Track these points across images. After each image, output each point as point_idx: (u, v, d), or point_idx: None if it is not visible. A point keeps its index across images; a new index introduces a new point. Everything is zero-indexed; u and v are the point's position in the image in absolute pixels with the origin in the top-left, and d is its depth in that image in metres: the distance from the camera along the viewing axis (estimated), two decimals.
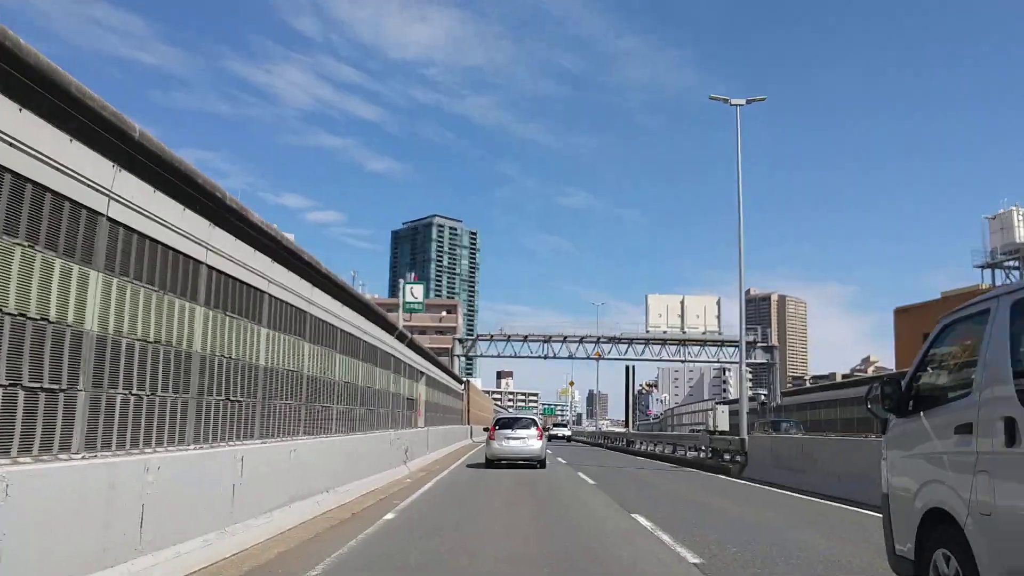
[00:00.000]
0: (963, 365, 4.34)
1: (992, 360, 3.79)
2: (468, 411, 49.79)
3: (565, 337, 50.31)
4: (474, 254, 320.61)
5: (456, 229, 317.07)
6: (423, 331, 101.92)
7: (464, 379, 49.57)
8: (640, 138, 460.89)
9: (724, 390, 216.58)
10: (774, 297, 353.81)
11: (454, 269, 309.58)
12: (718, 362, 50.25)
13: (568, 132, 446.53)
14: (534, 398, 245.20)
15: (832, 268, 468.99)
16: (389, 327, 18.12)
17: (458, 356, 51.26)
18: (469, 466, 22.38)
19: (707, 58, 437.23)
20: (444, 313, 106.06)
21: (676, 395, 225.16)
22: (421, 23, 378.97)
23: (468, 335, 62.37)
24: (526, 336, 50.32)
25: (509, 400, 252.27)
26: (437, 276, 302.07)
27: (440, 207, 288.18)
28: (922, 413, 4.52)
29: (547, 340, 50.14)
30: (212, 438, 7.40)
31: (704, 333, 49.22)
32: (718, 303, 49.86)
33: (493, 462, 21.67)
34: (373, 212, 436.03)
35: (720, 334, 48.99)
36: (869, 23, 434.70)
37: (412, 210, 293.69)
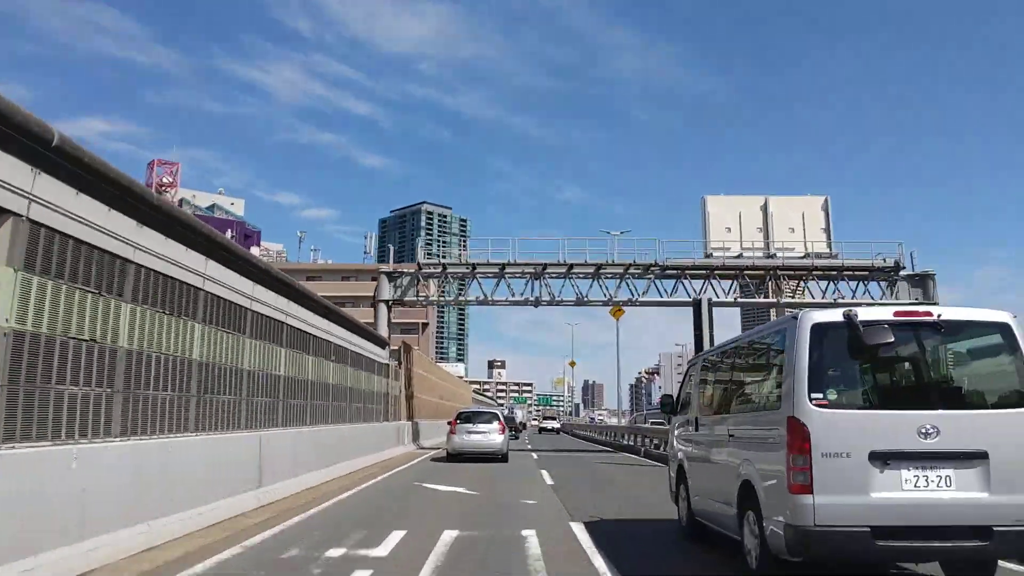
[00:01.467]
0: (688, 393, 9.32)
1: (692, 391, 9.04)
2: (409, 398, 29.80)
3: (569, 267, 28.70)
4: (464, 242, 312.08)
5: (445, 216, 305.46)
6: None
7: (399, 345, 29.47)
8: (631, 130, 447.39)
9: None
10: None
11: (444, 257, 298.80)
12: (835, 302, 29.49)
13: (561, 124, 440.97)
14: (528, 388, 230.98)
15: None
16: None
17: (387, 304, 29.67)
18: None
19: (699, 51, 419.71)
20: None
21: (679, 383, 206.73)
22: (412, 18, 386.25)
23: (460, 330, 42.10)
24: (503, 266, 28.63)
25: (501, 391, 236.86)
26: None
27: (431, 198, 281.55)
28: (678, 415, 9.59)
29: (538, 274, 28.80)
30: None
31: (807, 255, 29.57)
32: (826, 206, 30.05)
33: (455, 456, 21.97)
34: (367, 208, 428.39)
35: (833, 256, 29.25)
36: (864, 6, 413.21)
37: (404, 203, 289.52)
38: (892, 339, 5.55)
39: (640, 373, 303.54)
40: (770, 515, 5.76)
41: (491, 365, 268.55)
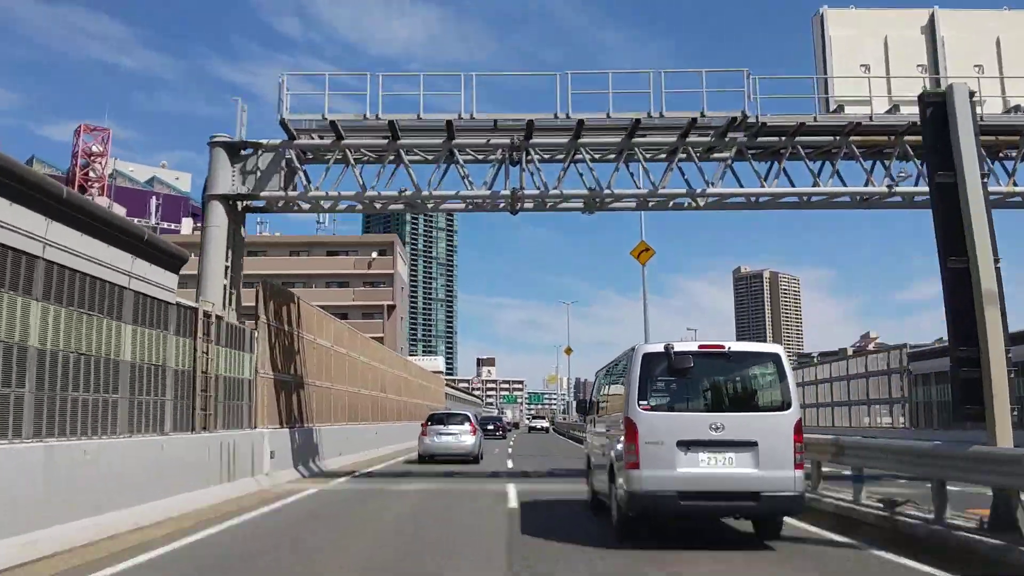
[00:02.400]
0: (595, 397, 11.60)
1: (595, 397, 11.53)
2: (287, 386, 16.35)
3: (580, 126, 14.42)
4: (452, 236, 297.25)
5: None
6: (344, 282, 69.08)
7: (258, 288, 15.56)
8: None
9: None
10: (766, 274, 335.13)
11: (430, 252, 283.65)
12: None
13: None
14: (519, 387, 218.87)
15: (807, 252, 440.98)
16: None
17: (226, 202, 14.69)
18: None
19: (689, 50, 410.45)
20: (375, 255, 71.98)
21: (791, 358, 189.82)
22: (402, 21, 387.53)
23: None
24: (450, 126, 14.42)
25: (491, 389, 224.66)
26: (412, 261, 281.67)
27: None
28: (591, 415, 11.49)
29: (518, 145, 14.45)
30: None
31: (1012, 110, 16.39)
32: None
33: (426, 459, 21.33)
34: None
35: None
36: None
37: None
38: (692, 364, 8.03)
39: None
40: (619, 484, 8.28)
41: (480, 363, 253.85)
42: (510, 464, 21.35)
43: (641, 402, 8.01)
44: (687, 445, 7.75)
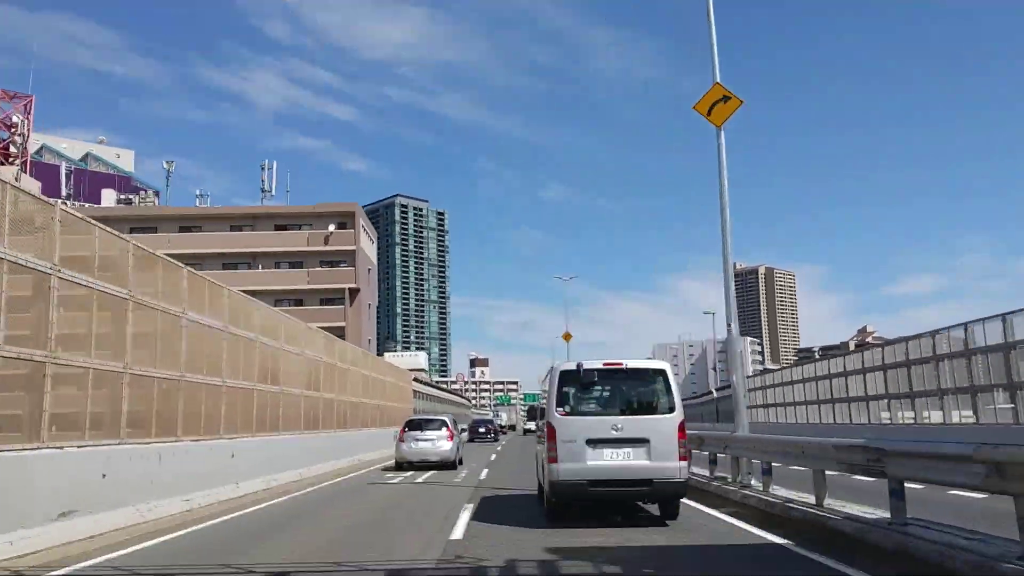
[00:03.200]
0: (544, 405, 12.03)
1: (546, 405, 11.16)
2: None
3: None
4: (443, 236, 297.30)
5: (421, 209, 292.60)
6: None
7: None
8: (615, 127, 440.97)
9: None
10: (761, 270, 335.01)
11: (421, 253, 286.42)
12: None
13: (545, 124, 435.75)
14: (513, 388, 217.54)
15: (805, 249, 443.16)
16: None
17: None
18: None
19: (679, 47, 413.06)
20: (332, 228, 59.45)
21: (676, 375, 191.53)
22: (392, 23, 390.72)
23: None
24: None
25: (484, 390, 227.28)
26: (403, 261, 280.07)
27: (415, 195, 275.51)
28: (537, 420, 17.70)
29: None
30: None
31: None
32: None
33: (403, 464, 21.68)
34: None
35: None
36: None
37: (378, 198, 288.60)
38: (596, 378, 10.54)
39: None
40: (545, 476, 10.73)
41: (473, 363, 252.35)
42: (483, 475, 19.57)
43: (558, 409, 10.16)
44: (594, 443, 9.82)
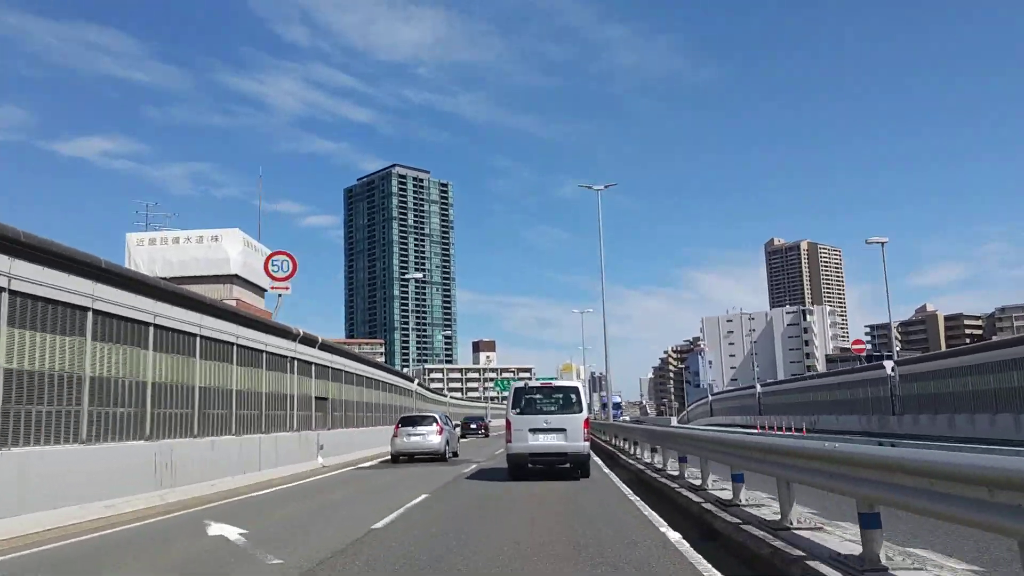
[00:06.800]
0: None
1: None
2: None
3: None
4: (446, 210, 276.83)
5: (422, 180, 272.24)
6: None
7: None
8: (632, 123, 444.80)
9: (807, 343, 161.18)
10: (803, 246, 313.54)
11: (422, 229, 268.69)
12: None
13: (561, 121, 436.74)
14: (525, 375, 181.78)
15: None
16: None
17: None
18: None
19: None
20: None
21: (732, 356, 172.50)
22: (409, 25, 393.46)
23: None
24: None
25: (490, 379, 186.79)
26: (402, 238, 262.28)
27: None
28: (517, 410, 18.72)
29: None
30: None
31: None
32: None
33: (397, 457, 25.65)
34: None
35: None
36: None
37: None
38: (537, 392, 18.73)
39: (666, 354, 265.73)
40: (505, 451, 18.16)
41: (476, 347, 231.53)
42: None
43: (513, 409, 17.77)
44: (534, 431, 17.38)
